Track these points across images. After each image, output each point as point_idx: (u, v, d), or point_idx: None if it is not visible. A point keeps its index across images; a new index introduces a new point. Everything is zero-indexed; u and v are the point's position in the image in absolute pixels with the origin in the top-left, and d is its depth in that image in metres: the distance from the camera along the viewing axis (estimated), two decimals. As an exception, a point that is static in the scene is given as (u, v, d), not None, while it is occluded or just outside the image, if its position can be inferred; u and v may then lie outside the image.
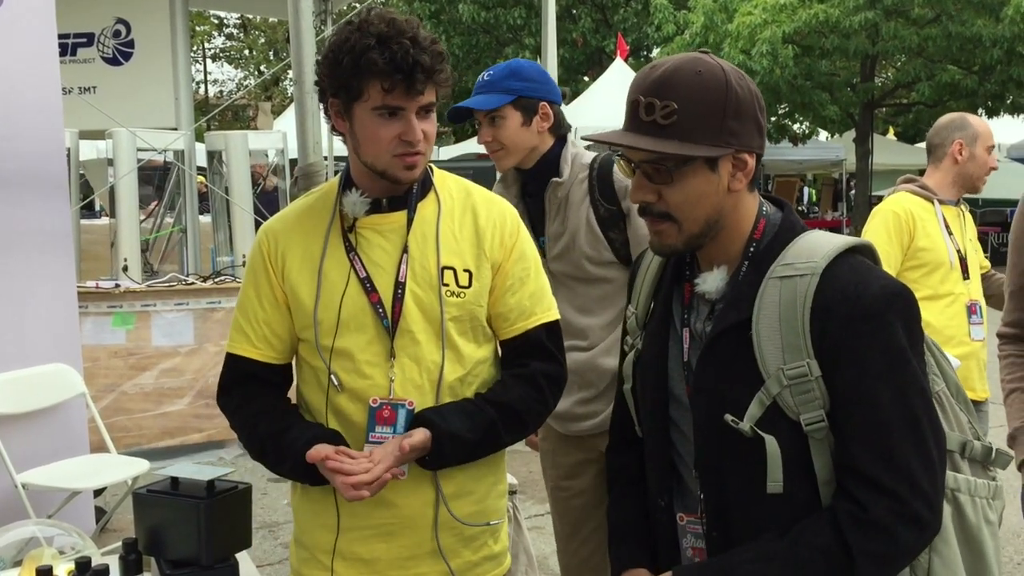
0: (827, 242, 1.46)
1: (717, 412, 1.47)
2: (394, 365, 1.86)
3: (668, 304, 1.62)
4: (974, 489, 1.52)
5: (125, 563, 1.94)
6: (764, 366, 1.43)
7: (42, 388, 4.19)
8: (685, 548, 1.62)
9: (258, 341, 1.93)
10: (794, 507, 1.45)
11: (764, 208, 1.55)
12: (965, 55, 16.11)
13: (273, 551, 4.64)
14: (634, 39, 22.20)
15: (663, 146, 1.43)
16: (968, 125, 3.48)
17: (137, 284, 6.17)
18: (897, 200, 3.50)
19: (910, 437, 1.40)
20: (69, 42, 7.49)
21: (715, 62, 1.47)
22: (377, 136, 1.81)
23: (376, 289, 1.87)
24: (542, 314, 1.99)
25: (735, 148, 1.46)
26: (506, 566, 2.07)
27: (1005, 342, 2.40)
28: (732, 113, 1.44)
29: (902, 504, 1.38)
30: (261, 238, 1.97)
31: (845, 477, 1.43)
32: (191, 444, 5.97)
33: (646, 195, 1.49)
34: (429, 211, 1.94)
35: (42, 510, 3.96)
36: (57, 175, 4.26)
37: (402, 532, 1.91)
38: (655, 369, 1.60)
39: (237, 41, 36.85)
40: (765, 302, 1.45)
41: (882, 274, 1.46)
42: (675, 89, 1.44)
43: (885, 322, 1.40)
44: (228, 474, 2.02)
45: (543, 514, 5.18)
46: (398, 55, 1.74)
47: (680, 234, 1.49)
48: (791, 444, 1.44)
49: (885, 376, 1.40)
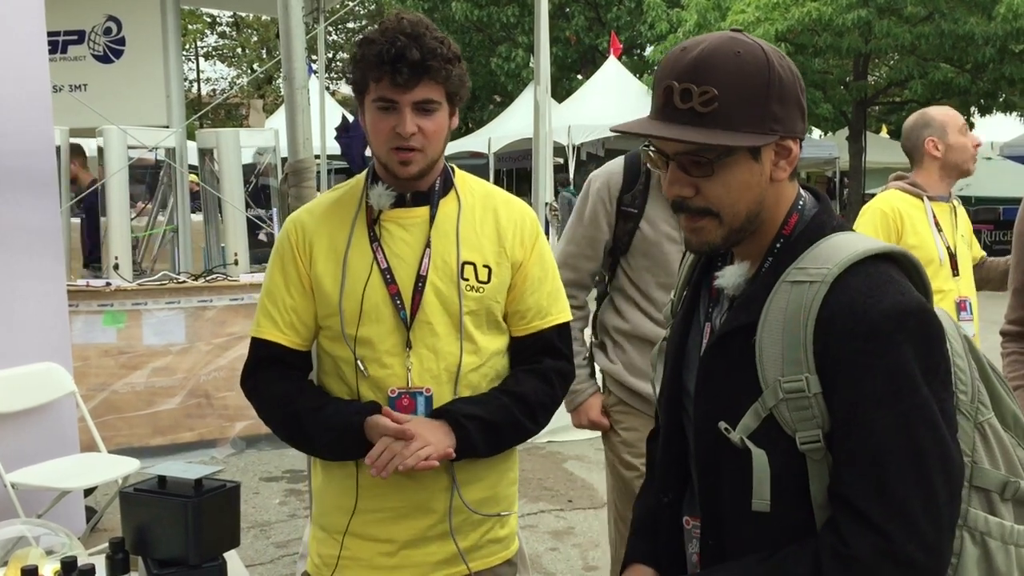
0: (849, 247, 1.33)
1: (714, 417, 1.38)
2: (411, 355, 1.93)
3: (696, 295, 1.54)
4: (1010, 535, 1.36)
5: (112, 562, 1.92)
6: (763, 375, 1.33)
7: (32, 387, 4.17)
8: (691, 554, 1.54)
9: (285, 327, 2.00)
10: (785, 529, 1.34)
11: (801, 202, 1.43)
12: (958, 53, 16.15)
13: (265, 551, 4.62)
14: (627, 37, 22.20)
15: (706, 136, 1.31)
16: (931, 120, 3.48)
17: (128, 282, 6.14)
18: (885, 198, 3.50)
19: (910, 471, 1.26)
20: (59, 39, 7.45)
21: (753, 42, 1.35)
22: (376, 128, 1.91)
23: (395, 281, 1.94)
24: (557, 314, 2.08)
25: (780, 135, 1.35)
26: (513, 549, 2.13)
27: (1008, 340, 2.40)
28: (776, 97, 1.33)
29: (890, 543, 1.25)
30: (289, 227, 2.04)
31: (835, 506, 1.31)
32: (182, 443, 5.94)
33: (683, 189, 1.37)
34: (450, 208, 2.01)
35: (32, 510, 3.94)
36: (46, 173, 4.24)
37: (415, 515, 1.98)
38: (674, 361, 1.54)
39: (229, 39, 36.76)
40: (773, 307, 1.34)
41: (902, 289, 1.31)
42: (714, 72, 1.31)
43: (892, 342, 1.27)
44: (218, 473, 2.01)
45: (536, 512, 5.18)
46: (385, 48, 1.82)
47: (720, 228, 1.38)
48: (786, 462, 1.34)
49: (887, 401, 1.27)
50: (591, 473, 5.86)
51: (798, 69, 1.40)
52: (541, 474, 5.85)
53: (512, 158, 19.17)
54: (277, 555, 4.52)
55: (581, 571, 4.41)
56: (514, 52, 21.91)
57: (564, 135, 14.44)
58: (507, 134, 17.51)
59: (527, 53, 20.79)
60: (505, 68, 21.96)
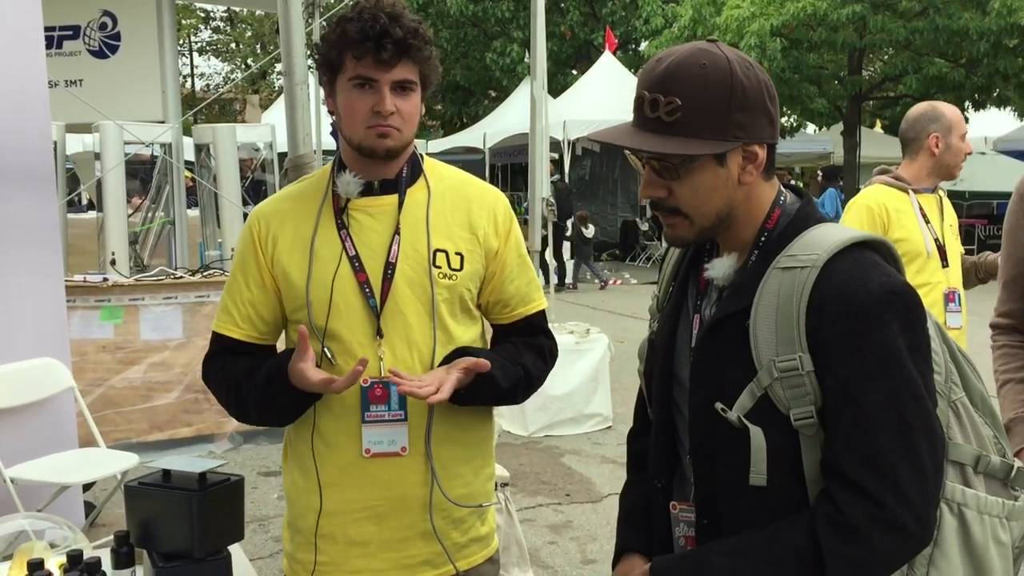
0: (835, 235, 1.43)
1: (711, 399, 1.46)
2: (383, 345, 1.90)
3: (684, 288, 1.61)
4: (984, 506, 1.45)
5: (117, 556, 1.92)
6: (758, 357, 1.41)
7: (30, 382, 4.17)
8: (677, 537, 1.61)
9: (242, 321, 1.99)
10: (780, 503, 1.42)
11: (782, 198, 1.52)
12: (952, 48, 16.17)
13: (264, 545, 4.63)
14: (622, 32, 22.18)
15: (666, 145, 1.41)
16: (941, 116, 3.46)
17: (125, 278, 6.13)
18: (870, 194, 3.49)
19: (898, 443, 1.35)
20: (55, 35, 7.44)
21: (721, 53, 1.43)
22: (353, 107, 1.86)
23: (364, 270, 1.91)
24: (539, 300, 2.10)
25: (743, 141, 1.43)
26: (494, 547, 2.11)
27: (998, 332, 2.40)
28: (738, 106, 1.41)
29: (883, 510, 1.34)
30: (252, 220, 2.01)
31: (828, 477, 1.39)
32: (180, 438, 5.95)
33: (656, 191, 1.47)
34: (420, 195, 1.98)
35: (31, 505, 3.95)
36: (44, 169, 4.23)
37: (392, 513, 1.94)
38: (664, 351, 1.60)
39: (224, 35, 36.67)
40: (765, 292, 1.42)
41: (887, 271, 1.41)
42: (679, 84, 1.40)
43: (880, 321, 1.36)
44: (219, 467, 2.01)
45: (534, 506, 5.20)
46: (368, 25, 1.81)
47: (692, 227, 1.48)
48: (781, 438, 1.41)
49: (876, 377, 1.35)
50: (588, 467, 5.88)
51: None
52: (539, 468, 5.87)
53: (507, 153, 19.18)
54: (276, 549, 4.53)
55: (579, 564, 4.43)
56: (509, 47, 21.88)
57: (559, 130, 14.45)
58: (502, 129, 17.50)
59: (522, 48, 20.76)
60: (500, 63, 21.93)
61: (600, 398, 6.71)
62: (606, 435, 6.56)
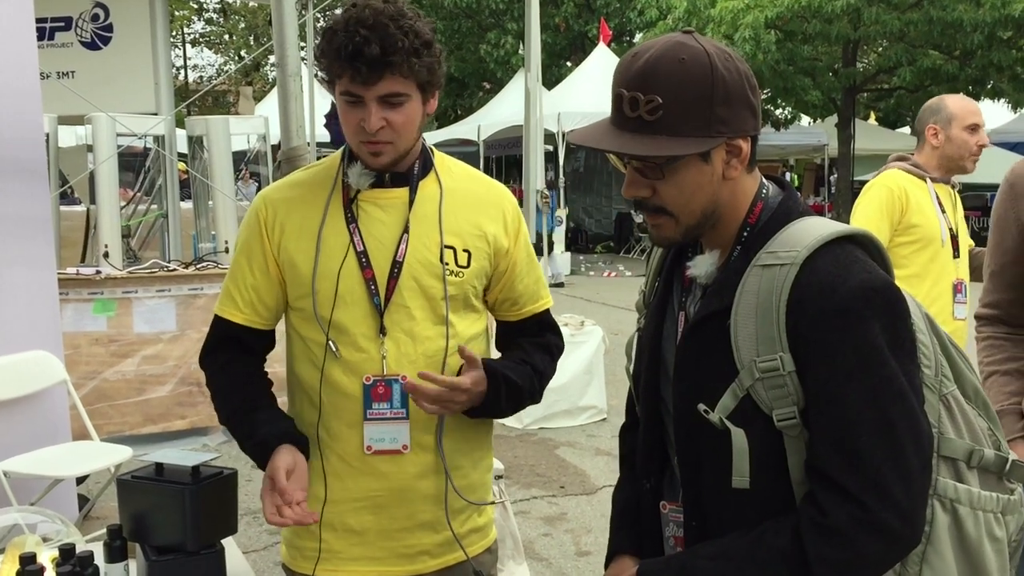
0: (817, 230, 1.39)
1: (694, 400, 1.43)
2: (385, 341, 1.90)
3: (669, 284, 1.59)
4: (977, 501, 1.43)
5: (109, 549, 1.92)
6: (739, 357, 1.38)
7: (23, 375, 4.15)
8: (667, 537, 1.59)
9: (244, 306, 1.98)
10: (766, 504, 1.40)
11: (764, 191, 1.49)
12: (946, 40, 16.17)
13: (259, 537, 4.63)
14: (617, 24, 22.16)
15: (650, 147, 1.37)
16: (942, 108, 3.48)
17: (118, 270, 6.11)
18: (891, 176, 3.51)
19: (881, 442, 1.32)
20: (47, 26, 7.41)
21: (698, 45, 1.38)
22: (345, 121, 1.86)
23: (371, 265, 1.90)
24: (546, 298, 2.12)
25: (727, 136, 1.39)
26: (492, 538, 2.12)
27: (983, 323, 2.38)
28: (720, 100, 1.37)
29: (868, 512, 1.31)
30: (259, 205, 1.99)
31: (812, 479, 1.36)
32: (174, 431, 5.94)
33: (640, 191, 1.43)
34: (431, 191, 1.97)
35: (24, 498, 3.93)
36: (36, 161, 4.21)
37: (391, 504, 1.94)
38: (650, 349, 1.58)
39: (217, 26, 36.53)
40: (745, 291, 1.39)
41: (868, 267, 1.37)
42: (659, 81, 1.35)
43: (860, 318, 1.32)
44: (213, 460, 2.00)
45: (528, 499, 5.20)
46: (343, 43, 1.75)
47: (678, 227, 1.44)
48: (764, 440, 1.39)
49: (857, 376, 1.32)
50: (583, 460, 5.88)
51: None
52: (533, 460, 5.88)
53: (501, 145, 19.14)
54: (270, 542, 4.53)
55: (574, 556, 4.43)
56: (503, 39, 21.84)
57: (554, 122, 14.42)
58: (496, 121, 17.46)
59: (516, 40, 20.72)
60: (494, 55, 21.89)
61: (595, 390, 6.71)
62: (601, 427, 6.56)
